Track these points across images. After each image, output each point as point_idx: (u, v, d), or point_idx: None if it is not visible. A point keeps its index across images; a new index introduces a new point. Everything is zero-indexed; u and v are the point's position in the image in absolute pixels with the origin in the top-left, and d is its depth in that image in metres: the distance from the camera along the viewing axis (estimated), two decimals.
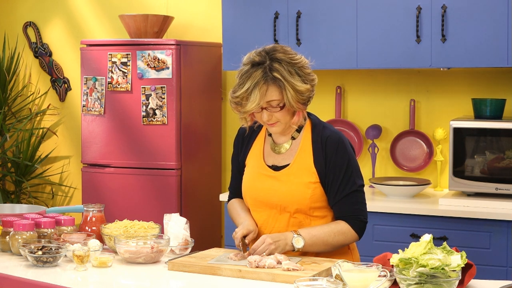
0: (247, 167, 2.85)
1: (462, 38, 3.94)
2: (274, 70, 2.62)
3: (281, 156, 2.78)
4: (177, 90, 4.49)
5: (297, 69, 2.65)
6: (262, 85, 2.61)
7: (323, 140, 2.72)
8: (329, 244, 2.69)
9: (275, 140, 2.81)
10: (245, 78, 2.63)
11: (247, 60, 2.69)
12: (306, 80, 2.66)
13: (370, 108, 4.58)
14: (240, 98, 2.64)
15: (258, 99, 2.61)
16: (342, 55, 4.20)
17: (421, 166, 4.42)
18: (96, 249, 2.68)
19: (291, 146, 2.77)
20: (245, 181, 2.84)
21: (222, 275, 2.50)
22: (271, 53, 2.66)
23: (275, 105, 2.64)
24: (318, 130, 2.75)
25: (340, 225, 2.71)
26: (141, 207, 4.56)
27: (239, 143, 2.90)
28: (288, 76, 2.62)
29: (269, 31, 4.33)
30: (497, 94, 4.24)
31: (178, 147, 4.53)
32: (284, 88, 2.61)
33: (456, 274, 2.18)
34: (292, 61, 2.65)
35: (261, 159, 2.80)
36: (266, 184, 2.76)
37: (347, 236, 2.71)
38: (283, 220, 2.75)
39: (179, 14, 5.03)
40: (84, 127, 4.74)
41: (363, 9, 4.15)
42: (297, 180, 2.71)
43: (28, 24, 5.54)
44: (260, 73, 2.62)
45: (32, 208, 3.17)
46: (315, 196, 2.71)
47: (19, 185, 5.43)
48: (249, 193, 2.81)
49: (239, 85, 2.65)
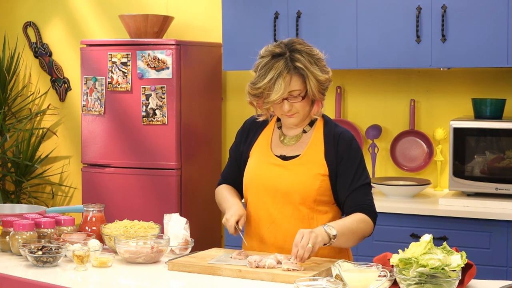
0: (251, 158, 2.84)
1: (462, 38, 3.94)
2: (296, 60, 2.65)
3: (289, 148, 2.79)
4: (177, 90, 4.49)
5: (316, 60, 2.69)
6: (286, 75, 2.64)
7: (335, 136, 2.75)
8: (355, 232, 2.66)
9: (285, 132, 2.82)
10: (267, 69, 2.66)
11: (265, 52, 2.72)
12: (323, 71, 2.70)
13: (370, 108, 4.58)
14: (263, 89, 2.65)
15: (283, 89, 2.63)
16: (342, 55, 4.20)
17: (421, 166, 4.42)
18: (96, 249, 2.68)
19: (302, 139, 2.79)
20: (250, 169, 2.82)
21: (222, 275, 2.50)
22: (290, 44, 2.71)
23: (296, 95, 2.67)
24: (330, 126, 2.79)
25: (358, 215, 2.71)
26: (141, 207, 4.56)
27: (244, 133, 2.90)
28: (310, 66, 2.66)
29: (269, 31, 4.33)
30: (497, 94, 4.24)
31: (178, 147, 4.53)
32: (307, 77, 2.65)
33: (456, 274, 2.18)
34: (310, 52, 2.70)
35: (268, 149, 2.80)
36: (273, 172, 2.75)
37: (367, 224, 2.71)
38: (286, 212, 2.73)
39: (179, 14, 5.03)
40: (84, 127, 4.74)
41: (363, 9, 4.15)
42: (306, 171, 2.72)
43: (28, 24, 5.55)
44: (282, 63, 2.65)
45: (32, 208, 3.17)
46: (322, 188, 2.72)
47: (19, 185, 5.43)
48: (254, 180, 2.79)
49: (260, 77, 2.67)
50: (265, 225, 2.77)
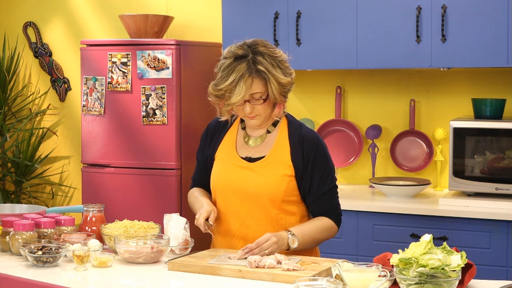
0: (217, 160, 2.86)
1: (462, 38, 3.94)
2: (258, 63, 2.66)
3: (254, 149, 2.81)
4: (177, 90, 4.49)
5: (278, 63, 2.70)
6: (247, 78, 2.65)
7: (300, 137, 2.78)
8: (317, 240, 2.78)
9: (249, 133, 2.85)
10: (229, 71, 2.67)
11: (228, 53, 2.72)
12: (286, 74, 2.71)
13: (370, 108, 4.58)
14: (224, 91, 2.68)
15: (244, 92, 2.65)
16: (342, 55, 4.20)
17: (421, 166, 4.42)
18: (96, 249, 2.68)
19: (266, 139, 2.81)
20: (216, 172, 2.84)
21: (222, 275, 2.50)
22: (253, 46, 2.70)
23: (258, 98, 2.69)
24: (294, 127, 2.81)
25: (324, 221, 2.79)
26: (141, 207, 4.56)
27: (208, 137, 2.93)
28: (272, 68, 2.67)
29: (269, 31, 4.33)
30: (497, 94, 4.24)
31: (178, 147, 4.53)
32: (269, 80, 2.66)
33: (456, 274, 2.18)
34: (273, 55, 2.70)
35: (233, 151, 2.83)
36: (240, 175, 2.78)
37: (331, 231, 2.81)
38: (255, 214, 2.77)
39: (179, 14, 5.03)
40: (84, 127, 4.74)
41: (363, 9, 4.15)
42: (272, 172, 2.75)
43: (28, 24, 5.55)
44: (244, 66, 2.66)
45: (32, 208, 3.17)
46: (289, 189, 2.75)
47: (19, 185, 5.43)
48: (220, 183, 2.81)
49: (222, 78, 2.69)
50: (234, 227, 2.80)
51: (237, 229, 2.80)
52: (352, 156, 4.58)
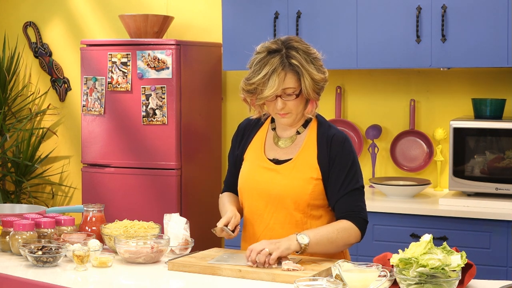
0: (245, 161, 2.81)
1: (462, 38, 3.94)
2: (292, 57, 2.62)
3: (283, 151, 2.76)
4: (177, 90, 4.49)
5: (312, 59, 2.66)
6: (281, 71, 2.60)
7: (328, 138, 2.71)
8: (334, 242, 2.62)
9: (279, 134, 2.79)
10: (262, 64, 2.62)
11: (261, 48, 2.68)
12: (319, 71, 2.67)
13: (370, 108, 4.58)
14: (257, 84, 2.62)
15: (277, 85, 2.60)
16: (342, 55, 4.20)
17: (421, 166, 4.42)
18: (96, 249, 2.68)
19: (295, 141, 2.75)
20: (243, 173, 2.79)
21: (222, 275, 2.50)
22: (287, 41, 2.67)
23: (290, 93, 2.64)
24: (324, 128, 2.74)
25: (342, 222, 2.66)
26: (141, 207, 4.56)
27: (238, 137, 2.88)
28: (305, 63, 2.63)
29: (269, 31, 4.33)
30: (497, 94, 4.24)
31: (178, 147, 4.53)
32: (302, 75, 2.62)
33: (456, 274, 2.18)
34: (307, 51, 2.67)
35: (261, 153, 2.77)
36: (266, 177, 2.72)
37: (350, 233, 2.65)
38: (279, 217, 2.71)
39: (179, 14, 5.03)
40: (84, 127, 4.74)
41: (363, 9, 4.15)
42: (298, 175, 2.68)
43: (28, 24, 5.55)
44: (278, 59, 2.61)
45: (32, 208, 3.17)
46: (315, 192, 2.68)
47: (19, 185, 5.43)
48: (247, 184, 2.76)
49: (254, 72, 2.63)
50: (259, 230, 2.75)
51: (261, 232, 2.74)
52: None
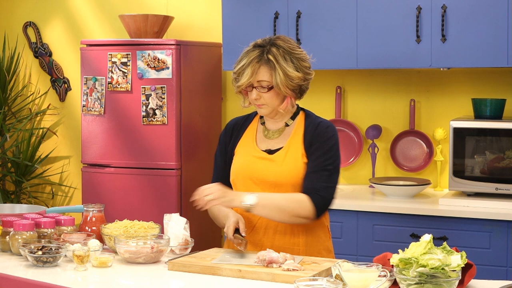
0: (237, 154, 2.91)
1: (462, 38, 3.94)
2: (270, 53, 2.78)
3: (274, 141, 2.87)
4: (177, 90, 4.49)
5: (293, 58, 2.79)
6: (255, 64, 2.78)
7: (314, 125, 2.84)
8: (282, 210, 2.71)
9: (268, 127, 2.92)
10: (244, 56, 2.83)
11: (252, 43, 2.87)
12: (299, 70, 2.78)
13: (370, 108, 4.58)
14: (237, 74, 2.83)
15: (249, 76, 2.77)
16: (342, 55, 4.20)
17: (421, 166, 4.42)
18: (96, 249, 2.68)
19: (284, 132, 2.88)
20: (236, 164, 2.89)
21: (222, 275, 2.50)
22: (273, 39, 2.84)
23: (264, 86, 2.78)
24: (311, 119, 2.88)
25: (297, 195, 2.75)
26: (141, 207, 4.56)
27: (227, 134, 2.98)
28: (282, 60, 2.76)
29: (269, 31, 4.33)
30: (497, 94, 4.24)
31: (178, 147, 4.53)
32: (274, 70, 2.76)
33: (456, 274, 2.18)
34: (290, 50, 2.80)
35: (254, 144, 2.89)
36: (260, 165, 2.83)
37: (301, 205, 2.72)
38: None
39: (179, 14, 5.03)
40: (84, 127, 4.74)
41: (363, 9, 4.15)
42: (291, 161, 2.80)
43: (28, 24, 5.54)
44: (256, 53, 2.80)
45: (32, 208, 3.17)
46: None
47: (19, 185, 5.43)
48: (241, 173, 2.85)
49: (237, 62, 2.84)
50: (254, 218, 2.83)
51: (257, 220, 2.83)
52: (352, 156, 4.58)
